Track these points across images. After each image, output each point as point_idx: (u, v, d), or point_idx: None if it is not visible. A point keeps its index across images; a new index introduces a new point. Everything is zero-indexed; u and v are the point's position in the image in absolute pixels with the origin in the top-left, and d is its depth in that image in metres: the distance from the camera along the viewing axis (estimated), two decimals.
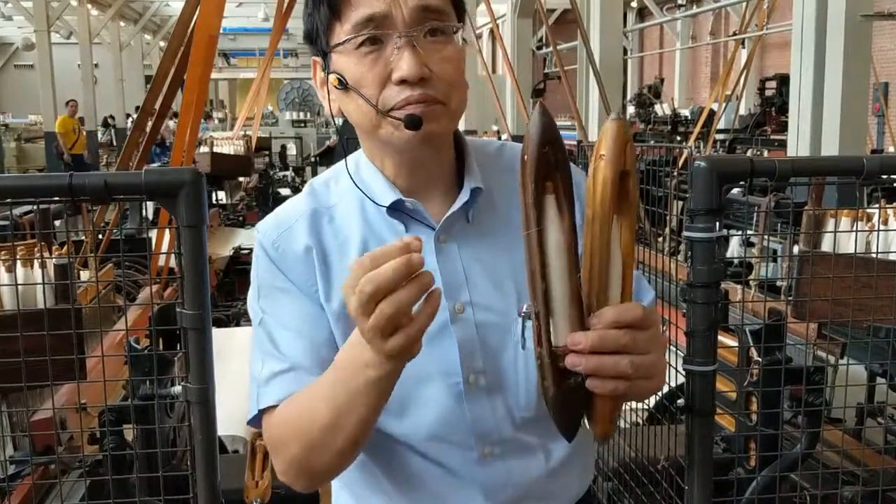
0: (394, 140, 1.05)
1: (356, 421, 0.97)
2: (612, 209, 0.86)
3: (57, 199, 1.19)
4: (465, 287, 1.10)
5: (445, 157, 1.13)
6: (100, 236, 4.37)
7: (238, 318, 4.48)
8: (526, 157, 0.86)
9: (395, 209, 1.11)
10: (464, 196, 1.11)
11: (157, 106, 4.81)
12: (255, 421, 1.11)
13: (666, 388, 1.97)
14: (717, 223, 1.24)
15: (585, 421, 0.96)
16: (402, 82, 1.01)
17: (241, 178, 8.68)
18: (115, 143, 19.75)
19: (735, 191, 4.44)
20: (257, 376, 1.11)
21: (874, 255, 1.90)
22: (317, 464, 1.04)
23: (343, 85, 1.05)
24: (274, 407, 1.08)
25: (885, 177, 1.29)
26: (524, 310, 1.05)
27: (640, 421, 2.53)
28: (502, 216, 1.14)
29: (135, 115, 8.31)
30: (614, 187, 0.86)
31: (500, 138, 10.60)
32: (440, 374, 1.09)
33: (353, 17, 1.02)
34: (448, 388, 1.09)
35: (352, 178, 1.14)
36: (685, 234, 1.25)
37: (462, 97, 1.07)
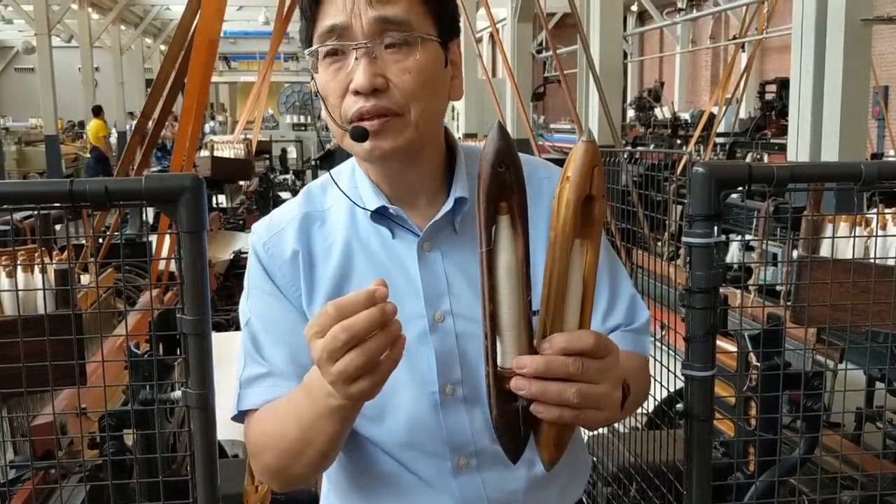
0: (355, 150, 1.07)
1: (323, 439, 0.99)
2: (574, 233, 0.85)
3: (57, 205, 1.19)
4: (446, 296, 1.10)
5: (427, 165, 1.13)
6: (100, 240, 4.38)
7: (238, 322, 4.47)
8: (481, 176, 0.85)
9: (381, 215, 1.12)
10: (447, 205, 1.11)
11: (157, 110, 4.82)
12: (238, 418, 1.15)
13: (665, 393, 1.98)
14: (716, 229, 1.24)
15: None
16: (357, 93, 1.02)
17: (241, 182, 8.69)
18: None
19: (734, 195, 4.45)
20: (240, 376, 1.14)
21: (872, 260, 1.90)
22: (288, 473, 1.08)
23: (316, 93, 1.07)
24: (255, 411, 1.12)
25: (883, 182, 1.29)
26: None
27: (639, 426, 2.53)
28: None
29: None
30: (577, 212, 0.84)
31: None
32: (416, 383, 1.09)
33: (319, 27, 1.04)
34: (423, 397, 1.09)
35: (335, 184, 1.15)
36: (684, 239, 1.25)
37: (426, 108, 1.05)
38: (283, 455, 1.05)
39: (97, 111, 17.08)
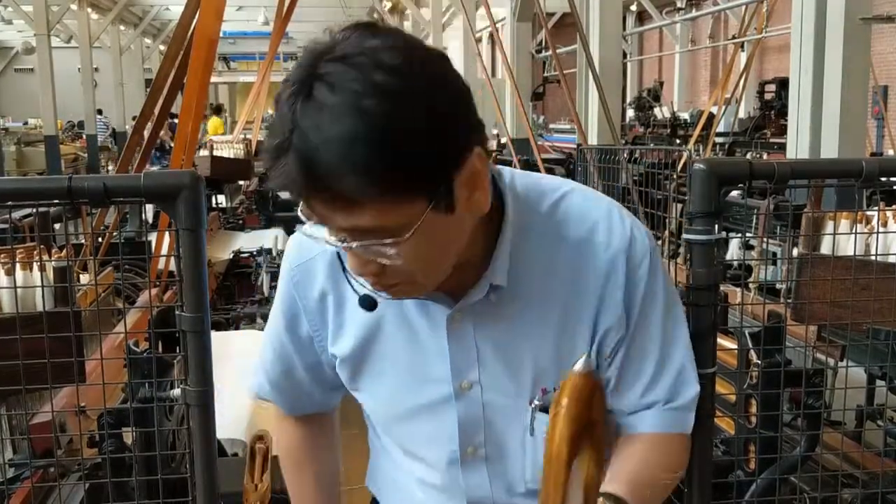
0: None
1: None
2: (570, 459, 0.87)
3: (56, 202, 1.19)
4: (475, 367, 1.06)
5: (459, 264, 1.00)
6: (99, 239, 4.37)
7: (238, 321, 4.47)
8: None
9: None
10: (481, 291, 1.02)
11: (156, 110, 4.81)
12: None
13: None
14: (716, 226, 1.24)
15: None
16: None
17: (240, 182, 8.67)
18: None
19: (734, 193, 4.43)
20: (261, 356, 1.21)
21: (873, 258, 1.90)
22: None
23: None
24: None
25: (883, 179, 1.29)
26: (537, 401, 1.05)
27: None
28: (533, 297, 1.04)
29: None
30: (572, 442, 0.87)
31: (499, 141, 10.59)
32: (439, 440, 1.10)
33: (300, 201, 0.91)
34: (445, 453, 1.10)
35: (348, 278, 1.02)
36: (684, 236, 1.25)
37: (435, 271, 0.96)
38: None
39: (218, 110, 16.96)
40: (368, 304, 0.97)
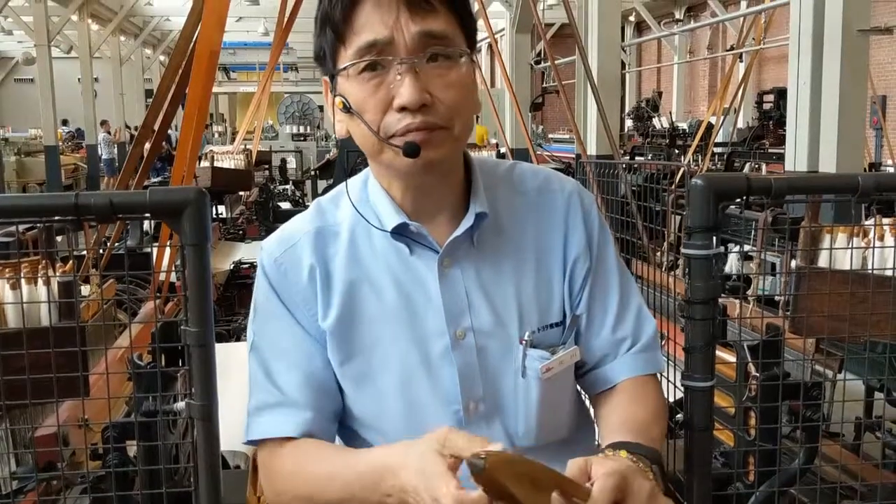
0: (396, 165, 1.06)
1: None
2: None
3: (60, 218, 1.20)
4: (466, 313, 1.10)
5: (453, 180, 1.13)
6: (100, 252, 4.37)
7: (238, 332, 4.48)
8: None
9: (400, 233, 1.11)
10: (468, 221, 1.11)
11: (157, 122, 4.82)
12: (251, 443, 1.17)
13: None
14: (714, 240, 1.25)
15: None
16: (403, 109, 1.01)
17: (241, 192, 8.69)
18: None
19: (733, 206, 4.43)
20: (248, 403, 1.15)
21: (870, 271, 1.91)
22: None
23: (347, 109, 1.05)
24: (275, 440, 1.12)
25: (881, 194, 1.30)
26: (525, 337, 1.09)
27: None
28: (509, 240, 1.14)
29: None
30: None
31: (499, 151, 10.62)
32: (439, 402, 1.10)
33: (356, 42, 1.02)
34: (448, 415, 1.10)
35: (352, 204, 1.14)
36: (683, 251, 1.26)
37: (467, 121, 1.06)
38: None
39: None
40: (413, 150, 1.01)
